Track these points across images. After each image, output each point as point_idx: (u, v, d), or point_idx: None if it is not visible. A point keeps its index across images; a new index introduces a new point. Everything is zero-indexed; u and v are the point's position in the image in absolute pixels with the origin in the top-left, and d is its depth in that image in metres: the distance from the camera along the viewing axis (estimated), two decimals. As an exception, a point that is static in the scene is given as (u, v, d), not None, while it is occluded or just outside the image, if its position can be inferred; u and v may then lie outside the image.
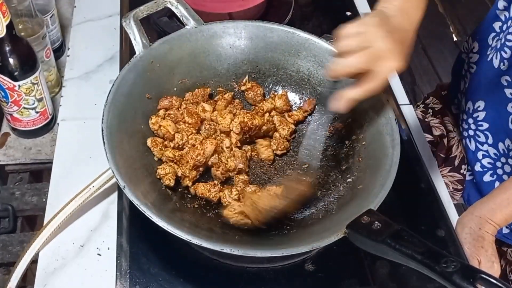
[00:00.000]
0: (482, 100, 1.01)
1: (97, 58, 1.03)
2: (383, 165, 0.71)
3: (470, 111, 1.04)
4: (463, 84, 1.09)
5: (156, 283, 0.71)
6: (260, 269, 0.74)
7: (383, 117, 0.76)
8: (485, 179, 1.04)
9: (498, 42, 0.97)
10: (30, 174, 0.90)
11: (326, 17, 1.13)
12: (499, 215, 0.83)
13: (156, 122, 0.77)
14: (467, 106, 1.05)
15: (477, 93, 1.03)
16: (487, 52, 1.00)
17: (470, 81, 1.05)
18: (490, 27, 1.00)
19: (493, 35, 0.99)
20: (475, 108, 1.03)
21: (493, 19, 0.99)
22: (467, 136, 1.07)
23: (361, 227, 0.61)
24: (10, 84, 0.81)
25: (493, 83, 0.97)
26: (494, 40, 0.99)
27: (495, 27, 0.99)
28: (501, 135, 0.98)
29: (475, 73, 1.04)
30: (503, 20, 0.97)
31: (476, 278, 0.51)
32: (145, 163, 0.74)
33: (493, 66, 0.97)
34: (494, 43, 0.99)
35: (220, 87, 0.86)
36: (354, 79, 0.68)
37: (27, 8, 0.88)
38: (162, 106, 0.80)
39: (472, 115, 1.04)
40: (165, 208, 0.68)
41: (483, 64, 1.01)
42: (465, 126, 1.07)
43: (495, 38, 0.99)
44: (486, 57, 1.00)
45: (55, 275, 0.74)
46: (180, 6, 0.85)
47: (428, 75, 2.42)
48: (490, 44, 1.00)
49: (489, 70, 0.98)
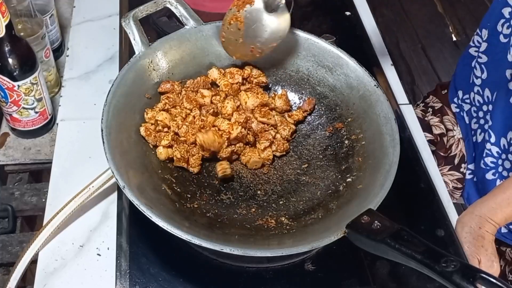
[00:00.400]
0: (490, 93, 1.00)
1: (97, 58, 1.03)
2: (383, 165, 0.71)
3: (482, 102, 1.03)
4: (472, 77, 1.07)
5: (156, 283, 0.71)
6: (260, 269, 0.74)
7: (383, 117, 0.76)
8: (488, 177, 1.04)
9: (510, 28, 0.95)
10: (29, 174, 0.90)
11: (326, 17, 1.13)
12: (499, 214, 0.83)
13: (153, 116, 0.77)
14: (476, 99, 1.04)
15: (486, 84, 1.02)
16: (498, 38, 0.98)
17: (479, 72, 1.04)
18: (499, 14, 0.98)
19: (503, 21, 0.98)
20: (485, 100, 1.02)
21: (502, 4, 0.97)
22: (473, 132, 1.06)
23: (361, 227, 0.61)
24: (10, 84, 0.81)
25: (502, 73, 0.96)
26: (504, 26, 0.97)
27: (504, 13, 0.97)
28: (506, 128, 0.98)
29: (484, 63, 1.03)
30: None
31: (476, 277, 0.51)
32: (145, 163, 0.74)
33: (505, 56, 0.95)
34: (504, 30, 0.97)
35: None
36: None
37: (27, 8, 0.88)
38: (163, 89, 0.80)
39: (482, 107, 1.03)
40: (165, 208, 0.68)
41: (492, 52, 1.00)
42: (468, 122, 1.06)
43: (505, 25, 0.97)
44: (495, 44, 0.99)
45: (54, 275, 0.74)
46: (180, 6, 0.85)
47: (427, 75, 2.42)
48: (500, 31, 0.98)
49: (499, 59, 0.97)
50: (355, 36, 1.09)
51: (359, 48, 1.06)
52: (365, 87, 0.80)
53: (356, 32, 1.10)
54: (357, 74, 0.81)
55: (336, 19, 1.12)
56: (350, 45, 0.89)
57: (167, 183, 0.74)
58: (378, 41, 1.11)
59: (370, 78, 0.80)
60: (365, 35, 1.10)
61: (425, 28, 2.62)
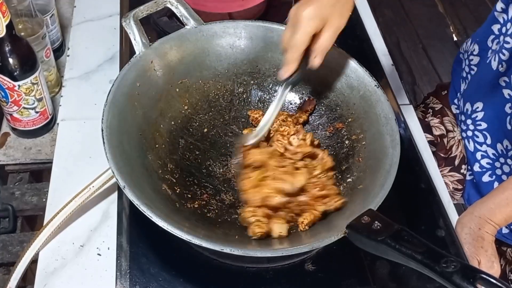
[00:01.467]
0: (480, 102, 1.01)
1: (97, 58, 1.03)
2: (383, 165, 0.71)
3: (469, 112, 1.04)
4: (464, 85, 1.09)
5: (156, 283, 0.71)
6: (260, 269, 0.74)
7: (383, 117, 0.76)
8: (484, 180, 1.04)
9: (498, 45, 0.97)
10: (30, 174, 0.90)
11: (326, 17, 1.13)
12: (499, 215, 0.83)
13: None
14: (465, 107, 1.05)
15: (476, 95, 1.03)
16: (487, 54, 1.00)
17: (470, 83, 1.06)
18: (489, 30, 1.00)
19: (492, 37, 1.00)
20: (473, 109, 1.03)
21: (492, 21, 1.00)
22: (466, 137, 1.07)
23: (361, 227, 0.61)
24: (10, 84, 0.81)
25: (491, 84, 0.97)
26: (493, 42, 0.99)
27: (494, 29, 0.99)
28: (500, 136, 0.99)
29: (475, 75, 1.04)
30: (501, 23, 0.98)
31: (476, 278, 0.51)
32: (145, 163, 0.74)
33: (491, 68, 0.97)
34: (494, 46, 0.99)
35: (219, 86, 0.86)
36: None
37: (27, 8, 0.88)
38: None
39: (471, 116, 1.04)
40: (165, 208, 0.68)
41: (482, 66, 1.02)
42: (464, 127, 1.07)
43: (494, 41, 0.99)
44: (485, 59, 1.00)
45: (55, 275, 0.74)
46: (180, 6, 0.85)
47: (428, 75, 2.42)
48: (490, 47, 1.00)
49: (488, 72, 0.99)
50: (356, 36, 1.09)
51: (359, 48, 1.06)
52: (366, 87, 0.80)
53: (356, 32, 1.10)
54: (358, 74, 0.81)
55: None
56: (350, 45, 0.89)
57: (167, 183, 0.74)
58: (378, 41, 1.11)
59: (370, 78, 0.80)
60: (366, 35, 1.10)
61: (426, 28, 2.62)
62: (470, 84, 1.05)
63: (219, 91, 0.87)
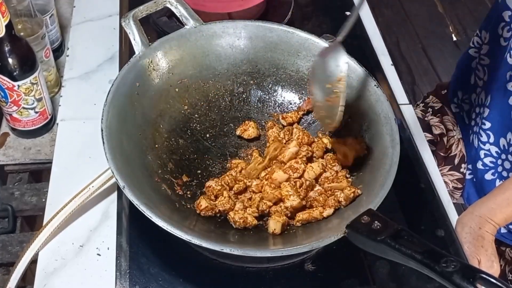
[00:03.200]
0: (489, 94, 1.00)
1: (97, 58, 1.03)
2: (383, 164, 0.71)
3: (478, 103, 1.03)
4: (473, 78, 1.07)
5: (156, 283, 0.71)
6: (260, 269, 0.74)
7: (383, 116, 0.76)
8: (487, 177, 1.04)
9: (509, 32, 0.95)
10: (29, 174, 0.90)
11: (326, 17, 1.13)
12: (499, 215, 0.83)
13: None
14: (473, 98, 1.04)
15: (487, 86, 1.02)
16: (498, 41, 0.98)
17: (482, 74, 1.04)
18: (499, 17, 0.99)
19: (503, 24, 0.98)
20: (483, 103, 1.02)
21: (502, 8, 0.98)
22: (471, 133, 1.06)
23: (361, 227, 0.61)
24: (10, 84, 0.81)
25: (502, 75, 0.96)
26: (504, 30, 0.97)
27: (505, 16, 0.97)
28: (504, 129, 0.98)
29: (486, 66, 1.03)
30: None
31: (476, 278, 0.51)
32: (145, 163, 0.74)
33: (507, 62, 0.95)
34: (504, 33, 0.97)
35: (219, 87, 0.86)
36: None
37: (27, 8, 0.88)
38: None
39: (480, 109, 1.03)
40: (165, 208, 0.68)
41: (493, 54, 1.00)
42: (468, 122, 1.06)
43: (505, 28, 0.97)
44: (496, 47, 0.99)
45: (54, 275, 0.74)
46: (180, 6, 0.85)
47: (428, 75, 2.42)
48: (500, 34, 0.98)
49: (500, 61, 0.97)
50: (355, 36, 1.09)
51: (359, 48, 1.06)
52: (365, 87, 0.80)
53: (356, 32, 1.10)
54: (357, 74, 0.81)
55: (336, 19, 1.12)
56: (349, 45, 0.89)
57: (167, 183, 0.74)
58: (378, 41, 1.11)
59: (370, 78, 0.80)
60: (365, 35, 1.10)
61: (425, 28, 2.62)
62: (482, 74, 1.03)
63: (218, 91, 0.87)
